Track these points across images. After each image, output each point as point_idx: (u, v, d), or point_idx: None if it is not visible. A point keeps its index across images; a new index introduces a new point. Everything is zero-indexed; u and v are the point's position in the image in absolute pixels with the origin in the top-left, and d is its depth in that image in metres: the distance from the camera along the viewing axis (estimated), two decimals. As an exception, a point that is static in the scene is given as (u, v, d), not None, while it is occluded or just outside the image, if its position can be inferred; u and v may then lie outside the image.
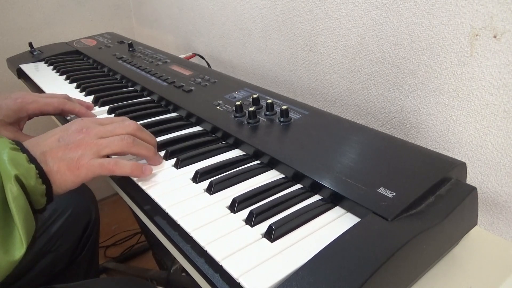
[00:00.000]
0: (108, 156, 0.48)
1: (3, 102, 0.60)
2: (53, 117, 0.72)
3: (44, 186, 0.42)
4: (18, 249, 0.38)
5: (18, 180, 0.39)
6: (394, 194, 0.39)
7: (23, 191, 0.40)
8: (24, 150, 0.43)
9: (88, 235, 0.86)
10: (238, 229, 0.39)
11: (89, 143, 0.46)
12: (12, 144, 0.42)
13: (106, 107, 0.69)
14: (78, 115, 0.63)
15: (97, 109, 0.70)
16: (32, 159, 0.42)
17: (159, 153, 0.54)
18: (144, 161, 0.51)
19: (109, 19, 1.47)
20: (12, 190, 0.38)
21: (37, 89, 0.83)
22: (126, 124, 0.50)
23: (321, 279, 0.31)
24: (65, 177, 0.44)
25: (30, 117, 0.62)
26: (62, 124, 0.68)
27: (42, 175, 0.42)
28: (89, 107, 0.68)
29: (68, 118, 0.66)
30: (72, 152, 0.45)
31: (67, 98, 0.65)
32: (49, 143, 0.46)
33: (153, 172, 0.49)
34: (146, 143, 0.51)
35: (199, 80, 0.74)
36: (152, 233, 0.45)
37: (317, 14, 0.77)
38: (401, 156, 0.45)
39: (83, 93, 0.77)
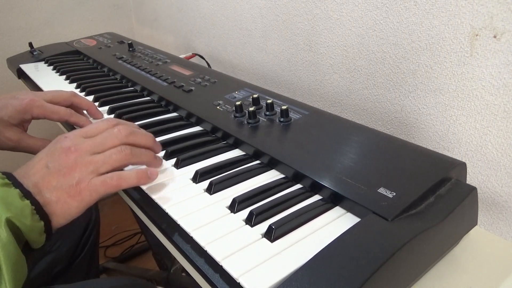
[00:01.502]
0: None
1: (9, 102, 0.58)
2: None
3: (42, 223, 0.38)
4: None
5: (9, 223, 0.35)
6: (394, 194, 0.39)
7: (16, 234, 0.36)
8: (17, 184, 0.38)
9: (88, 235, 0.86)
10: (238, 229, 0.39)
11: (84, 163, 0.42)
12: (2, 178, 0.38)
13: (106, 107, 0.69)
14: None
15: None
16: (26, 194, 0.38)
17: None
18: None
19: (109, 19, 1.47)
20: (1, 236, 0.34)
21: (37, 89, 0.83)
22: (116, 131, 0.45)
23: (321, 279, 0.31)
24: (67, 205, 0.40)
25: (33, 119, 0.61)
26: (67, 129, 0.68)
27: (39, 210, 0.38)
28: (97, 117, 0.65)
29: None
30: (67, 177, 0.41)
31: (74, 101, 0.62)
32: (38, 172, 0.41)
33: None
34: (143, 149, 0.47)
35: (199, 80, 0.74)
36: (152, 233, 0.45)
37: (317, 14, 0.77)
38: (401, 156, 0.45)
39: (83, 93, 0.77)
